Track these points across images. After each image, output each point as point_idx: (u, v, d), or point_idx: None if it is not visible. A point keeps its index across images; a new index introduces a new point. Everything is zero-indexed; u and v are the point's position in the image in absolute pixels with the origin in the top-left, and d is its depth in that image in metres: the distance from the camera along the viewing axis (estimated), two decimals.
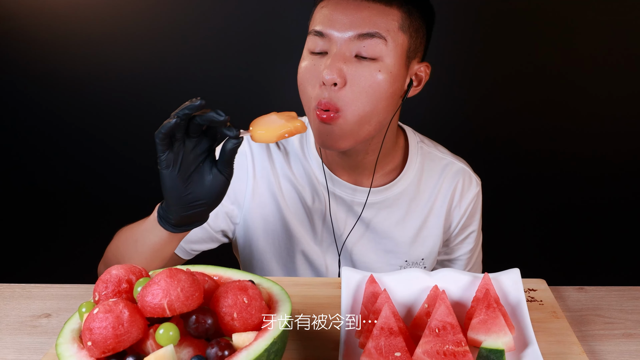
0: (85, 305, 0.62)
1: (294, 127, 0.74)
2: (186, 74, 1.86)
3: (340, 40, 0.89)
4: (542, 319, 0.81)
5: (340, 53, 0.89)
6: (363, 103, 0.89)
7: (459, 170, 1.10)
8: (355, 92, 0.88)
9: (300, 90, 0.94)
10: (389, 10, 0.90)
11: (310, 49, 0.93)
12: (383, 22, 0.89)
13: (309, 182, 1.06)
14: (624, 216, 1.97)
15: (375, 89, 0.89)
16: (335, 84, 0.88)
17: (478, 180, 1.13)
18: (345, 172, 1.05)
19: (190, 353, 0.57)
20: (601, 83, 1.82)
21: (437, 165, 1.10)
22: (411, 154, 1.08)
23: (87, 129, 1.92)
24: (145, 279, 0.62)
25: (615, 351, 0.78)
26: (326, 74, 0.87)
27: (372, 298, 0.77)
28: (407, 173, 1.07)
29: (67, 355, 0.57)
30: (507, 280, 0.80)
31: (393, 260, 1.09)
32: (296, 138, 1.08)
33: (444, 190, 1.09)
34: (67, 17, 1.80)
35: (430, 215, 1.09)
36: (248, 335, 0.58)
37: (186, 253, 1.08)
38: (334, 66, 0.87)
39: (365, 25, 0.88)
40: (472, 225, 1.14)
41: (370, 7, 0.89)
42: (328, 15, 0.91)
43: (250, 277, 0.69)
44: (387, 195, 1.06)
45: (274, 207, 1.06)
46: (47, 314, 0.88)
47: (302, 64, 0.94)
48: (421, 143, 1.11)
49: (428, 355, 0.67)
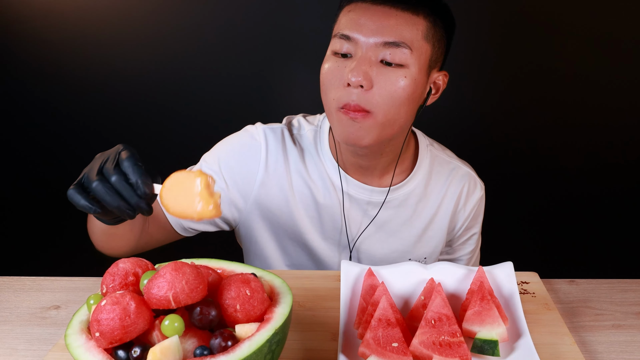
0: (93, 298, 0.62)
1: (204, 213, 0.63)
2: (194, 75, 1.85)
3: (365, 45, 0.88)
4: (535, 310, 0.82)
5: (366, 57, 0.88)
6: (389, 106, 0.89)
7: (465, 175, 1.11)
8: (382, 95, 0.88)
9: (323, 90, 0.94)
10: (416, 19, 0.89)
11: (335, 50, 0.92)
12: (409, 32, 0.88)
13: (322, 179, 1.06)
14: (613, 212, 1.98)
15: (400, 94, 0.89)
16: (362, 86, 0.87)
17: (482, 184, 1.14)
18: (357, 173, 1.05)
19: (194, 343, 0.57)
20: (594, 82, 1.82)
21: (445, 168, 1.10)
22: (421, 157, 1.08)
23: (94, 128, 1.92)
24: (151, 272, 0.62)
25: (605, 342, 0.78)
26: (352, 76, 0.87)
27: (370, 290, 0.77)
28: (417, 174, 1.07)
29: (76, 346, 0.57)
30: (501, 274, 0.80)
31: (398, 258, 1.09)
32: (310, 137, 1.07)
33: (450, 193, 1.09)
34: (78, 19, 1.79)
35: (436, 216, 1.09)
36: (250, 326, 0.58)
37: (184, 230, 1.06)
38: (360, 69, 0.87)
39: (392, 34, 0.88)
40: (475, 228, 1.15)
41: (397, 16, 0.89)
42: (355, 19, 0.90)
43: (253, 270, 0.69)
44: (396, 195, 1.06)
45: (282, 201, 1.05)
46: (56, 305, 0.88)
47: (326, 65, 0.93)
48: (430, 146, 1.11)
49: (424, 345, 0.67)
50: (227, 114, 1.86)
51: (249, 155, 1.04)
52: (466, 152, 1.22)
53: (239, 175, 1.04)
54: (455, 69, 1.42)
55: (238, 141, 1.06)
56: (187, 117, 1.89)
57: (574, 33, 1.77)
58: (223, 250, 1.16)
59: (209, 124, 1.88)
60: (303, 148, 1.06)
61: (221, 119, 1.87)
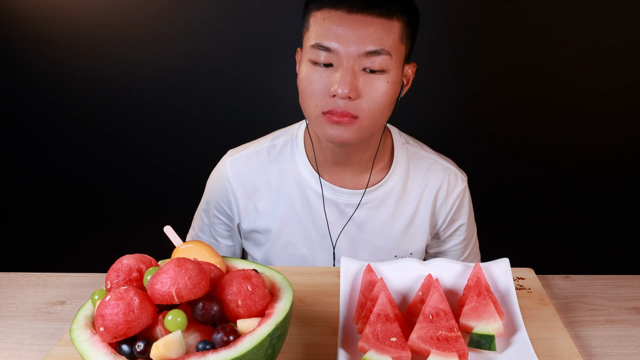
0: (98, 293, 0.62)
1: None
2: (198, 75, 1.85)
3: (347, 56, 0.88)
4: (530, 306, 0.82)
5: (349, 68, 0.88)
6: (375, 110, 0.91)
7: (444, 169, 1.10)
8: (368, 102, 0.90)
9: (303, 98, 0.93)
10: (391, 23, 0.89)
11: (314, 60, 0.90)
12: (387, 38, 0.88)
13: (301, 189, 1.06)
14: (608, 209, 1.97)
15: (384, 97, 0.90)
16: (350, 97, 0.88)
17: (464, 176, 1.12)
18: (334, 174, 1.05)
19: (197, 338, 0.57)
20: (586, 82, 1.82)
21: (423, 164, 1.09)
22: (396, 155, 1.08)
23: (100, 126, 1.92)
24: (155, 268, 0.62)
25: (600, 336, 0.78)
26: (340, 89, 0.87)
27: (369, 286, 0.77)
28: (394, 173, 1.07)
29: (81, 340, 0.57)
30: (497, 270, 0.80)
31: (383, 256, 1.09)
32: (287, 146, 1.09)
33: (429, 188, 1.09)
34: (82, 20, 1.79)
35: (417, 213, 1.09)
36: (252, 321, 0.58)
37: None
38: (345, 81, 0.87)
39: (372, 42, 0.87)
40: (461, 219, 1.13)
41: (374, 23, 0.88)
42: (332, 30, 0.88)
43: (254, 266, 0.69)
44: (375, 195, 1.06)
45: (264, 218, 1.09)
46: (61, 301, 0.88)
47: (304, 74, 0.92)
48: (406, 144, 1.11)
49: (422, 340, 0.67)
50: (231, 113, 1.86)
51: (221, 192, 1.11)
52: (462, 150, 1.22)
53: (222, 210, 1.12)
54: (455, 69, 1.45)
55: (211, 181, 1.14)
56: (191, 116, 1.89)
57: (564, 33, 1.76)
58: None
59: (213, 123, 1.88)
60: (279, 160, 1.08)
61: (225, 119, 1.87)
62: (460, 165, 1.15)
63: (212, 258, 0.67)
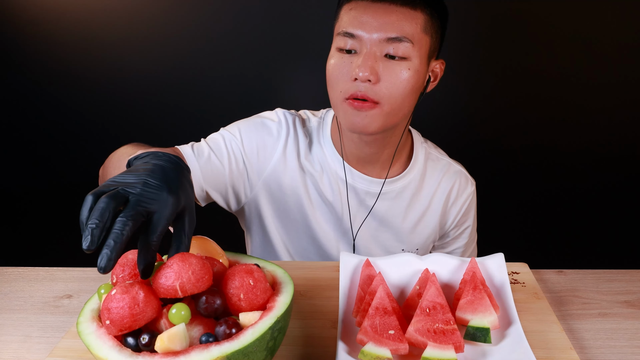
0: (104, 287, 0.62)
1: None
2: (200, 73, 1.85)
3: (369, 41, 0.90)
4: (525, 299, 0.82)
5: (371, 53, 0.89)
6: (395, 97, 0.91)
7: (457, 172, 1.12)
8: (388, 87, 0.90)
9: (329, 85, 0.95)
10: (414, 13, 0.90)
11: (339, 47, 0.93)
12: (409, 27, 0.89)
13: (325, 169, 1.06)
14: (600, 205, 1.97)
15: (405, 85, 0.91)
16: (370, 80, 0.89)
17: (473, 181, 1.14)
18: (358, 164, 1.05)
19: (200, 331, 0.57)
20: (582, 81, 1.82)
21: (438, 164, 1.11)
22: (416, 151, 1.09)
23: (104, 124, 1.92)
24: (159, 262, 0.62)
25: (592, 329, 0.78)
26: (360, 72, 0.88)
27: (368, 280, 0.77)
28: (413, 168, 1.08)
29: (87, 333, 0.57)
30: (492, 264, 0.80)
31: (391, 248, 1.10)
32: (315, 127, 1.08)
33: (442, 188, 1.10)
34: (87, 21, 1.79)
35: (428, 209, 1.10)
36: (254, 314, 0.58)
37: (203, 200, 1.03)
38: (366, 64, 0.88)
39: (393, 29, 0.89)
40: (467, 222, 1.15)
41: (397, 11, 0.89)
42: (357, 17, 0.90)
43: (256, 261, 0.69)
44: (393, 187, 1.06)
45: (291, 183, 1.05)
46: (68, 295, 0.88)
47: (331, 61, 0.94)
48: (424, 144, 1.12)
49: (419, 333, 0.67)
50: (233, 113, 1.86)
51: (270, 133, 1.04)
52: (459, 148, 1.22)
53: (257, 149, 1.04)
54: (458, 70, 1.42)
55: (261, 118, 1.07)
56: (193, 115, 1.89)
57: (564, 32, 1.76)
58: (227, 242, 1.16)
59: (214, 121, 1.87)
60: (311, 137, 1.07)
61: (227, 119, 1.87)
62: None
63: (216, 253, 0.67)
